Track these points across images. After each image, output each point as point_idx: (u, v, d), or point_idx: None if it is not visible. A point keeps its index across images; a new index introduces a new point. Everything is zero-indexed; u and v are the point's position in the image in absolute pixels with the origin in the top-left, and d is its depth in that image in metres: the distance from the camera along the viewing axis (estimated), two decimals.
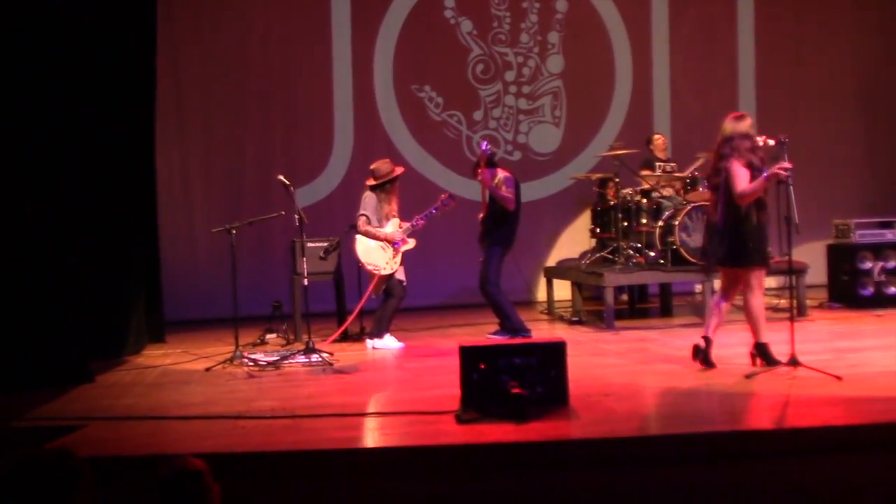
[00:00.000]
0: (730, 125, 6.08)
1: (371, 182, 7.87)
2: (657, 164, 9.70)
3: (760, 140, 5.98)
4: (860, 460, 4.37)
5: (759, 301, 5.97)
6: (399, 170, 7.94)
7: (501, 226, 7.77)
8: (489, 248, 7.76)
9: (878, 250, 9.09)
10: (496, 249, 7.75)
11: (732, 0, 11.48)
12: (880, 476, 4.33)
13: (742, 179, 5.84)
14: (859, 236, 9.15)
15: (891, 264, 9.06)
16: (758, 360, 5.95)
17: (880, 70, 11.60)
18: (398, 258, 7.73)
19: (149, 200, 8.41)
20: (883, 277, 9.05)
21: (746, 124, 6.06)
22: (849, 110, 11.60)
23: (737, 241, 5.94)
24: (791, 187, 5.75)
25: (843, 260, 9.23)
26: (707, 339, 6.10)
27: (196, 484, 2.73)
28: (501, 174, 7.85)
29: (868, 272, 9.04)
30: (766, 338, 5.98)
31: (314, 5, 10.65)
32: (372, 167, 7.93)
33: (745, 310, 6.08)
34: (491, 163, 7.94)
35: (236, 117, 10.47)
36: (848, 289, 9.11)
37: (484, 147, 7.94)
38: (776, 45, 11.46)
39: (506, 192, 7.71)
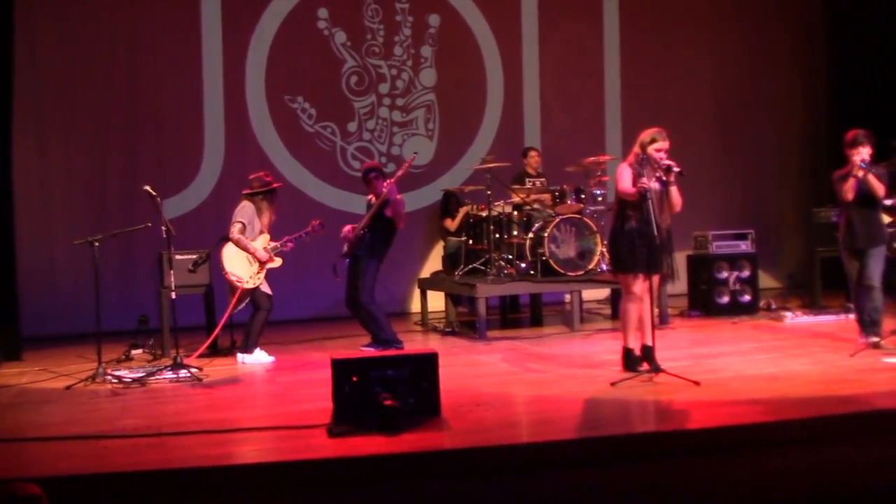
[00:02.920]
0: (640, 137, 6.37)
1: (247, 190, 7.75)
2: (528, 180, 9.95)
3: (667, 164, 6.22)
4: (714, 462, 4.59)
5: (626, 307, 6.25)
6: (276, 184, 7.87)
7: (383, 238, 7.77)
8: (367, 258, 7.73)
9: (734, 261, 9.59)
10: (373, 261, 7.74)
11: (599, 19, 11.91)
12: (731, 476, 4.57)
13: (622, 179, 6.16)
14: (716, 247, 9.62)
15: (745, 274, 9.57)
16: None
17: (737, 91, 12.25)
18: (262, 274, 7.62)
19: (4, 210, 8.01)
20: (738, 286, 9.54)
21: (649, 138, 6.30)
22: (708, 128, 12.19)
23: (608, 248, 6.39)
24: (651, 202, 6.00)
25: (701, 270, 9.69)
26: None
27: None
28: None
29: (724, 281, 9.52)
30: (631, 343, 6.21)
31: (184, 10, 10.41)
32: (251, 177, 7.83)
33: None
34: (381, 177, 7.95)
35: (101, 124, 10.10)
36: (706, 297, 9.57)
37: (413, 158, 8.10)
38: (640, 64, 11.94)
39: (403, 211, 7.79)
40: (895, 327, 6.85)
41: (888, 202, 8.67)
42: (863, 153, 6.78)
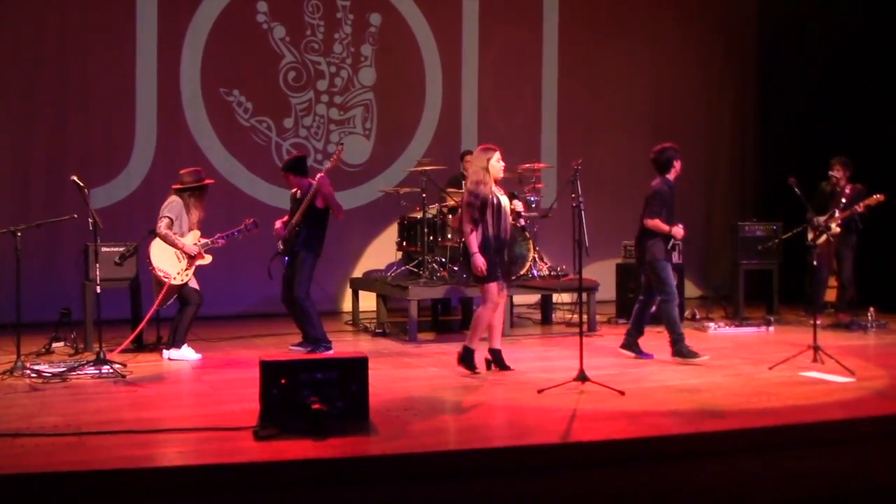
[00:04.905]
0: (475, 157, 6.73)
1: (178, 185, 7.62)
2: (464, 183, 9.98)
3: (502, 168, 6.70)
4: (638, 472, 4.69)
5: (485, 313, 6.68)
6: (208, 180, 7.75)
7: (315, 233, 7.71)
8: (304, 253, 7.65)
9: None
10: (310, 255, 7.67)
11: (538, 26, 12.02)
12: (654, 486, 4.67)
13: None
14: None
15: None
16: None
17: (669, 104, 12.49)
18: (191, 271, 7.50)
19: None
20: None
21: (485, 158, 6.60)
22: (640, 138, 12.35)
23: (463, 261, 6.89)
24: (583, 213, 6.11)
25: (629, 278, 9.85)
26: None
27: None
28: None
29: None
30: (476, 345, 6.71)
31: None
32: (182, 172, 7.69)
33: None
34: (304, 170, 7.89)
35: (25, 111, 9.81)
36: (633, 305, 9.70)
37: (340, 150, 8.00)
38: (577, 72, 12.09)
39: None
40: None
41: (820, 218, 9.03)
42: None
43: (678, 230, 7.31)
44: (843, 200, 9.21)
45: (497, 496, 4.49)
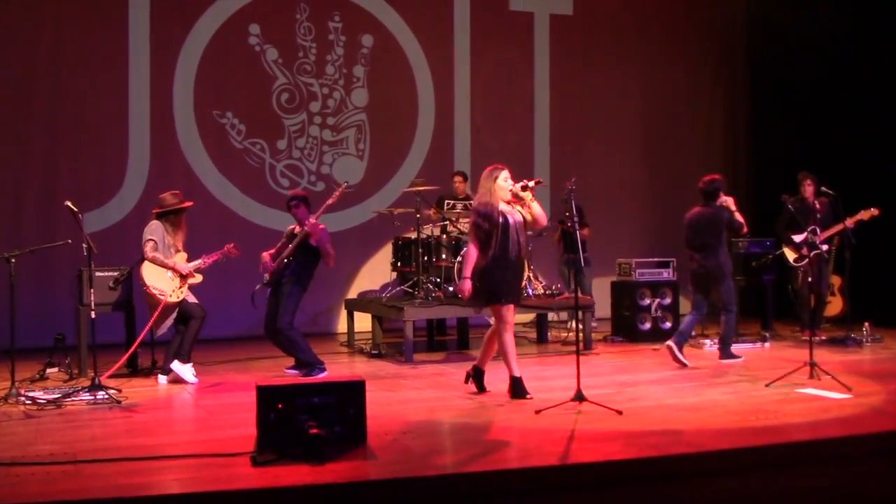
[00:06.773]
0: (484, 178, 6.60)
1: (157, 210, 7.62)
2: (446, 201, 9.99)
3: (519, 185, 6.50)
4: (638, 493, 4.68)
5: (506, 337, 6.56)
6: (187, 203, 7.73)
7: (305, 268, 7.71)
8: (291, 285, 7.63)
9: (656, 288, 9.80)
10: (296, 287, 7.66)
11: (530, 47, 12.09)
12: None
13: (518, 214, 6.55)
14: (639, 275, 9.83)
15: (666, 301, 9.80)
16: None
17: (661, 121, 12.57)
18: (185, 288, 7.50)
19: None
20: (659, 313, 9.76)
21: (492, 178, 6.52)
22: (633, 156, 12.47)
23: (479, 281, 6.56)
24: (578, 233, 6.13)
25: (624, 296, 9.88)
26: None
27: None
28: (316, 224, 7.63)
29: (647, 308, 9.73)
30: (518, 371, 6.58)
31: (110, 21, 10.21)
32: (160, 196, 7.70)
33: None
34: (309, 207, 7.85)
35: (18, 135, 9.83)
36: (629, 323, 9.76)
37: (343, 187, 7.87)
38: (568, 91, 12.15)
39: (331, 248, 7.69)
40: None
41: (797, 238, 9.05)
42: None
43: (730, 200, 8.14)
44: (818, 216, 9.18)
45: None
